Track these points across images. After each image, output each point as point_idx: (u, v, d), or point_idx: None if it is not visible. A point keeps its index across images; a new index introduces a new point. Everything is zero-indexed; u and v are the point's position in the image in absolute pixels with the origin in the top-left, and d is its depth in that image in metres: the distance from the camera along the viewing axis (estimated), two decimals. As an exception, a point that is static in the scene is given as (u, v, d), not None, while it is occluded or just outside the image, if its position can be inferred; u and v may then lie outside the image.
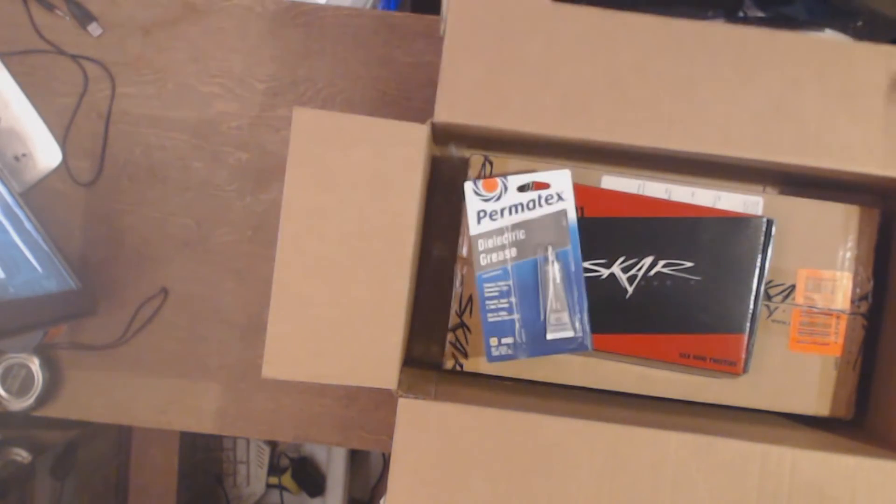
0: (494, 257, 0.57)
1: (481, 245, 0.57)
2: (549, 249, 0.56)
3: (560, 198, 0.57)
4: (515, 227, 0.57)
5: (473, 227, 0.57)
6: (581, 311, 0.57)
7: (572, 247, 0.57)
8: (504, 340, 0.57)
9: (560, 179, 0.57)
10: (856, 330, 0.60)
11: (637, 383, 0.61)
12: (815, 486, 0.51)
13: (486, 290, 0.57)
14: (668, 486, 0.51)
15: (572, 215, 0.57)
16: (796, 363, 0.60)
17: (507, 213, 0.57)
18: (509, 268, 0.57)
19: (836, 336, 0.60)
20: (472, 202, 0.57)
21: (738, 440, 0.52)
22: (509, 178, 0.57)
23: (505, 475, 0.51)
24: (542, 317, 0.57)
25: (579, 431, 0.52)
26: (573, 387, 0.61)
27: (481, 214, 0.57)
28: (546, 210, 0.57)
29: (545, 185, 0.57)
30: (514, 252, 0.57)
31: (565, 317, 0.56)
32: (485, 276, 0.57)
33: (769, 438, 0.52)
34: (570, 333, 0.57)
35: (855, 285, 0.60)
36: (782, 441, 0.52)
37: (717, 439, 0.52)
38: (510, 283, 0.57)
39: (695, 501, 0.51)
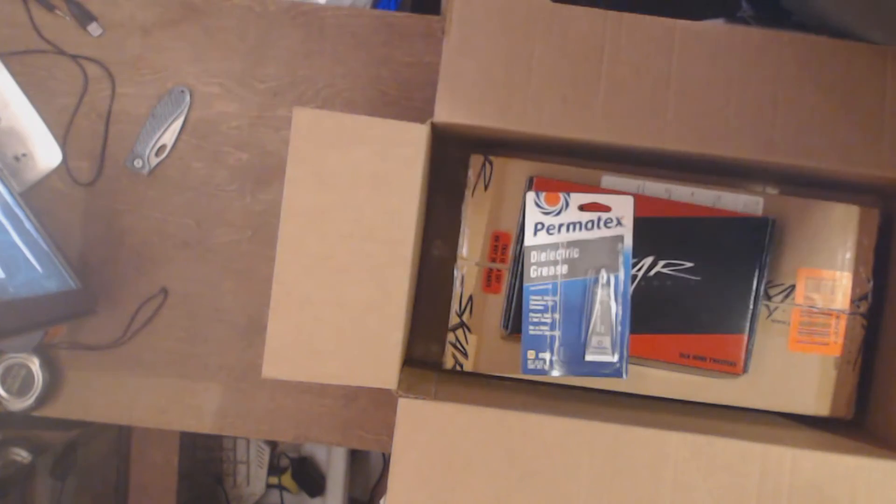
0: (545, 271, 0.56)
1: (533, 257, 0.57)
2: (602, 272, 0.56)
3: (619, 223, 0.57)
4: (570, 244, 0.56)
5: (529, 238, 0.57)
6: (623, 339, 0.56)
7: (624, 273, 0.56)
8: (541, 355, 0.57)
9: (622, 204, 0.57)
10: (855, 330, 0.60)
11: (637, 383, 0.61)
12: (815, 486, 0.51)
13: (532, 302, 0.56)
14: (668, 486, 0.51)
15: (629, 242, 0.57)
16: (796, 363, 0.60)
17: (565, 229, 0.57)
18: (558, 284, 0.56)
19: (836, 336, 0.60)
20: (532, 213, 0.57)
21: (738, 440, 0.52)
22: (572, 195, 0.57)
23: (505, 475, 0.51)
24: (582, 338, 0.56)
25: (579, 431, 0.52)
26: (573, 387, 0.61)
27: (538, 227, 0.57)
28: (603, 233, 0.57)
29: (606, 208, 0.57)
30: (565, 269, 0.56)
31: (607, 341, 0.56)
32: (532, 288, 0.57)
33: (769, 438, 0.52)
34: (609, 358, 0.56)
35: (855, 285, 0.60)
36: (782, 441, 0.52)
37: (717, 439, 0.52)
38: (556, 299, 0.56)
39: (695, 501, 0.51)
